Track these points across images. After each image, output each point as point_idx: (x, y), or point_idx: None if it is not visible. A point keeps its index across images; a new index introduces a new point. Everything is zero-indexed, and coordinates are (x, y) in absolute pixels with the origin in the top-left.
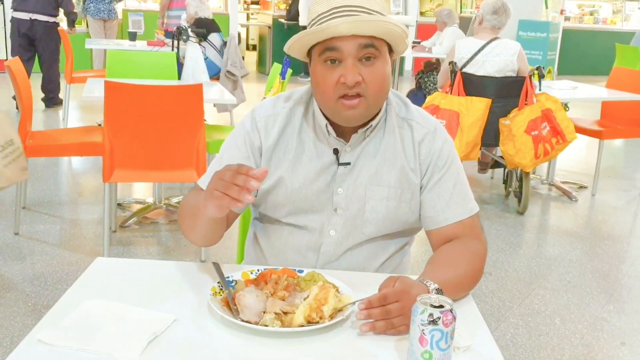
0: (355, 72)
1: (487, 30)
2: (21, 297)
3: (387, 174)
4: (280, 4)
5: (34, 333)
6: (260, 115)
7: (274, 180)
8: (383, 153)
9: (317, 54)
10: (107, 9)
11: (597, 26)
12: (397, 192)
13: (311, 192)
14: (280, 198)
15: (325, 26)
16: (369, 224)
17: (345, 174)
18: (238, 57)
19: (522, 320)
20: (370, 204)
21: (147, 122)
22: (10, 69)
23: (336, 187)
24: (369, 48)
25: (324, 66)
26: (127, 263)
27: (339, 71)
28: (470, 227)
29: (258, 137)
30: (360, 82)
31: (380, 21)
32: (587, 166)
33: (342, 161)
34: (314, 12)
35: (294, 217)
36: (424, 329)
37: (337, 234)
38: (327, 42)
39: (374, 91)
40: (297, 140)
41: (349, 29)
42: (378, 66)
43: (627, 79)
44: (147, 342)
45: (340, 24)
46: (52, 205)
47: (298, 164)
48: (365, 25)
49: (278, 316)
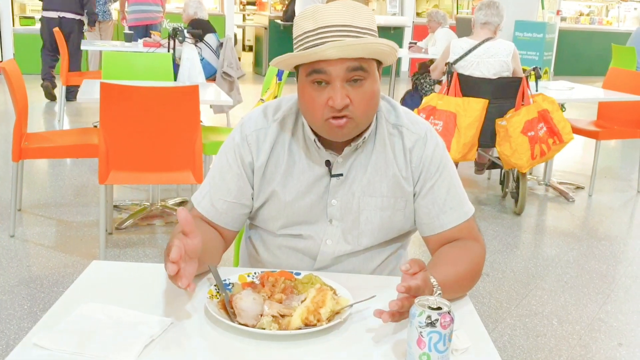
0: (343, 94)
1: (479, 29)
2: (17, 300)
3: (379, 184)
4: (276, 5)
5: (30, 337)
6: (250, 129)
7: (266, 195)
8: (374, 163)
9: (304, 74)
10: (102, 11)
11: (593, 27)
12: (391, 202)
13: (304, 204)
14: (274, 212)
15: (312, 52)
16: (365, 235)
17: (338, 185)
18: (234, 58)
19: (520, 321)
20: (365, 214)
21: (144, 123)
22: (5, 71)
23: (330, 199)
24: (357, 71)
25: (311, 87)
26: (123, 266)
27: (327, 93)
28: (467, 230)
29: (249, 152)
30: (349, 105)
31: (368, 44)
32: (584, 167)
33: (334, 172)
34: (300, 28)
35: (289, 229)
36: (422, 331)
37: (333, 244)
38: (314, 65)
39: (362, 112)
40: (288, 153)
41: (337, 53)
42: (366, 87)
43: (623, 80)
44: (143, 346)
45: (327, 49)
46: (47, 207)
47: (290, 177)
48: (353, 48)
49: (275, 319)
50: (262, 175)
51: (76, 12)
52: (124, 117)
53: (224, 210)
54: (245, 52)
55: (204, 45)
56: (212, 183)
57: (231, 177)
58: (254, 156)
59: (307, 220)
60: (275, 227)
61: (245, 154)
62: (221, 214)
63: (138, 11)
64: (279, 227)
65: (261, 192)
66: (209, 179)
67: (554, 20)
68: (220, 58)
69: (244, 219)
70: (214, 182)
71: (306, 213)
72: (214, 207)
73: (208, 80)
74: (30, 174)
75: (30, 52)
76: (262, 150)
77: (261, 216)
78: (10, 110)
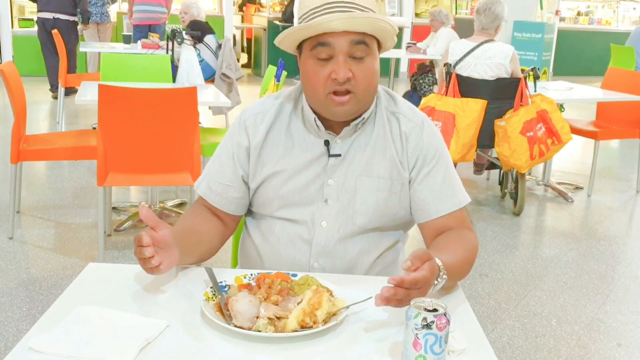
0: (346, 68)
1: (477, 32)
2: (15, 302)
3: (378, 165)
4: (275, 6)
5: (26, 340)
6: (249, 113)
7: (263, 177)
8: (374, 144)
9: (308, 49)
10: (100, 12)
11: (592, 27)
12: (387, 184)
13: (301, 183)
14: (270, 192)
15: (318, 21)
16: (360, 215)
17: (336, 165)
18: (233, 60)
19: (519, 322)
20: (361, 194)
21: (142, 125)
22: (4, 73)
23: (327, 179)
24: (360, 45)
25: (314, 61)
26: (119, 268)
27: (330, 67)
28: (461, 219)
29: (246, 136)
30: (351, 79)
31: (373, 18)
32: (583, 167)
33: (332, 152)
34: (306, 6)
35: (285, 210)
36: (418, 333)
37: (328, 225)
38: (319, 37)
39: (364, 87)
40: (286, 134)
41: (342, 25)
42: (368, 63)
43: (622, 80)
44: (139, 349)
45: (333, 19)
46: (46, 209)
47: (288, 157)
48: (358, 22)
49: (271, 321)
50: (257, 156)
51: (70, 13)
52: (123, 119)
53: (219, 192)
54: (244, 53)
55: (203, 46)
56: (211, 166)
57: (227, 160)
58: (250, 138)
59: (303, 200)
60: (272, 209)
61: (242, 138)
62: (216, 196)
63: (142, 11)
64: (275, 209)
65: (257, 173)
66: (210, 163)
67: (553, 20)
68: (219, 59)
69: (240, 202)
70: (212, 165)
71: (302, 192)
72: (210, 189)
73: (207, 81)
74: (29, 176)
75: (28, 54)
76: (259, 132)
77: (258, 199)
78: (8, 113)
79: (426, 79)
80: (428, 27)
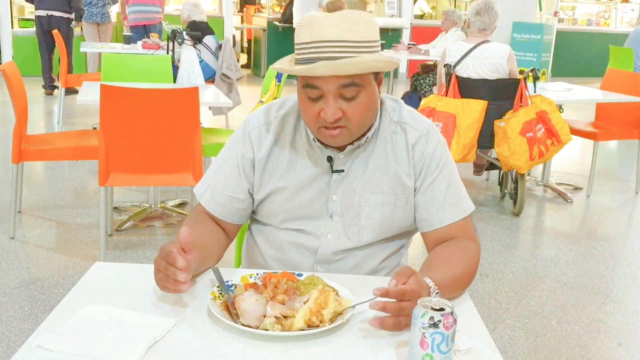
0: (335, 109)
1: (474, 33)
2: (17, 302)
3: (380, 181)
4: (274, 7)
5: (34, 338)
6: (253, 125)
7: (268, 190)
8: (375, 160)
9: (299, 85)
10: (100, 13)
11: (591, 28)
12: (392, 198)
13: (305, 199)
14: (275, 206)
15: (303, 69)
16: (365, 231)
17: (339, 181)
18: (233, 60)
19: (519, 322)
20: (366, 210)
21: (143, 125)
22: (5, 73)
23: (331, 195)
24: (349, 87)
25: (306, 97)
26: (125, 267)
27: (320, 105)
28: (464, 229)
29: (250, 148)
30: (341, 117)
31: (360, 63)
32: (582, 167)
33: (335, 168)
34: (299, 36)
35: (290, 223)
36: (425, 332)
37: (334, 238)
38: (307, 79)
39: (357, 122)
40: (290, 148)
41: (327, 73)
42: (360, 99)
43: (621, 81)
44: (146, 347)
45: (318, 67)
46: (48, 209)
47: (292, 172)
48: (344, 68)
49: (278, 320)
50: (262, 170)
51: (64, 10)
52: (124, 119)
53: (222, 203)
54: (243, 53)
55: (203, 47)
56: (214, 177)
57: (231, 172)
58: (255, 151)
59: (308, 215)
60: (277, 221)
61: (246, 151)
62: (220, 207)
63: (137, 11)
64: (280, 222)
65: (262, 186)
66: (211, 173)
67: (552, 21)
68: (219, 60)
69: (244, 213)
70: (215, 175)
71: (307, 208)
72: (214, 200)
73: (207, 82)
74: (30, 176)
75: (29, 54)
76: (263, 145)
77: (263, 211)
78: (10, 113)
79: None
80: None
